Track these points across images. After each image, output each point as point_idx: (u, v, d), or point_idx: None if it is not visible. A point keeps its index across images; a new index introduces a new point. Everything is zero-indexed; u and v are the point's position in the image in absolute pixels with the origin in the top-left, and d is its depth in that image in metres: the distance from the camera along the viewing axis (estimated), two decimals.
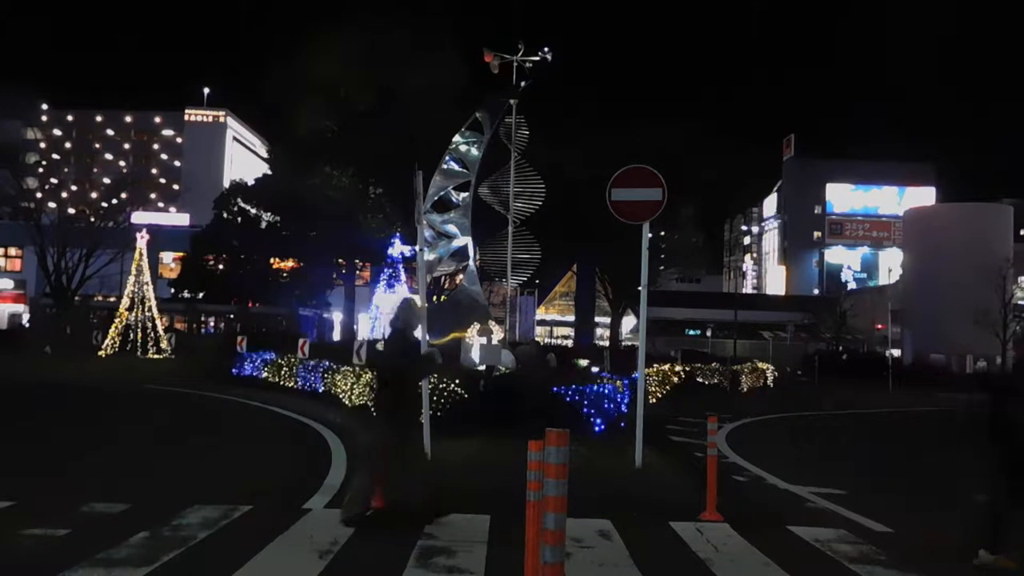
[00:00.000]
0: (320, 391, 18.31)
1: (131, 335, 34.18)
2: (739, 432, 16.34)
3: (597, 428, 12.92)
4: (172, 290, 51.67)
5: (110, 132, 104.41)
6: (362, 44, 35.29)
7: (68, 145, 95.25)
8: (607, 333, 47.85)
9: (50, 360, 30.58)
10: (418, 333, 8.56)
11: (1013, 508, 6.54)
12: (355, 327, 42.59)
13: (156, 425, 14.75)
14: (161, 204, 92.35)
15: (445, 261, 19.56)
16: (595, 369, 19.29)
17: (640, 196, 10.51)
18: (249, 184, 52.07)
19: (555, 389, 13.01)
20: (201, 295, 50.66)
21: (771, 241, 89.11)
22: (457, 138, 18.91)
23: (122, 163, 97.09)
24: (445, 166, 18.75)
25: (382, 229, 38.28)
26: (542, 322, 65.06)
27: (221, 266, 51.26)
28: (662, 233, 41.05)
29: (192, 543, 6.35)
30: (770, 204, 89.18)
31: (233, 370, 23.64)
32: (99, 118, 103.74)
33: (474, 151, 18.93)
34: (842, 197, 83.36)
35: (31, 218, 43.14)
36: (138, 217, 51.13)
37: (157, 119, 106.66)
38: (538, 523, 4.67)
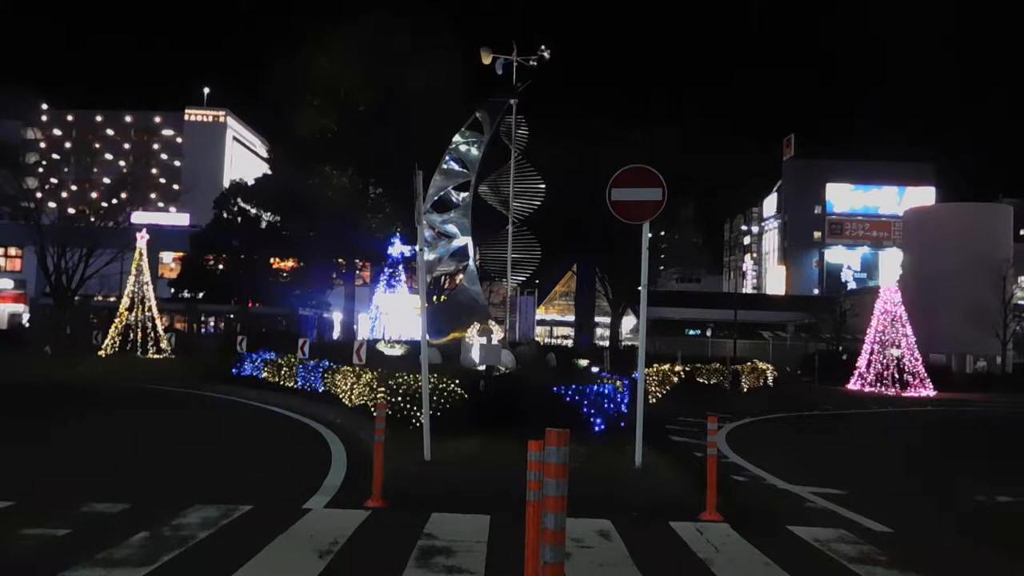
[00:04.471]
0: (320, 391, 18.31)
1: (131, 335, 34.17)
2: (739, 432, 16.33)
3: (597, 428, 12.92)
4: (172, 290, 51.64)
5: (110, 132, 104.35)
6: (362, 44, 35.31)
7: (68, 145, 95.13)
8: (607, 333, 47.84)
9: (50, 360, 30.57)
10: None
11: None
12: (355, 327, 42.57)
13: (156, 425, 14.75)
14: (161, 204, 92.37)
15: (445, 261, 19.58)
16: (595, 369, 19.28)
17: (640, 196, 10.50)
18: (249, 184, 52.02)
19: (555, 389, 13.00)
20: (201, 295, 50.63)
21: (771, 241, 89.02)
22: (457, 138, 18.92)
23: (122, 163, 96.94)
24: (445, 166, 18.76)
25: (382, 229, 38.30)
26: (542, 322, 64.99)
27: (221, 266, 51.23)
28: (662, 233, 41.05)
29: (192, 543, 6.35)
30: (770, 204, 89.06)
31: (233, 370, 23.64)
32: (99, 118, 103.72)
33: (474, 151, 18.95)
34: (842, 197, 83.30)
35: (31, 218, 43.00)
36: (138, 217, 51.03)
37: (157, 119, 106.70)
38: (538, 523, 4.67)
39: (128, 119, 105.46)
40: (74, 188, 58.59)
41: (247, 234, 48.76)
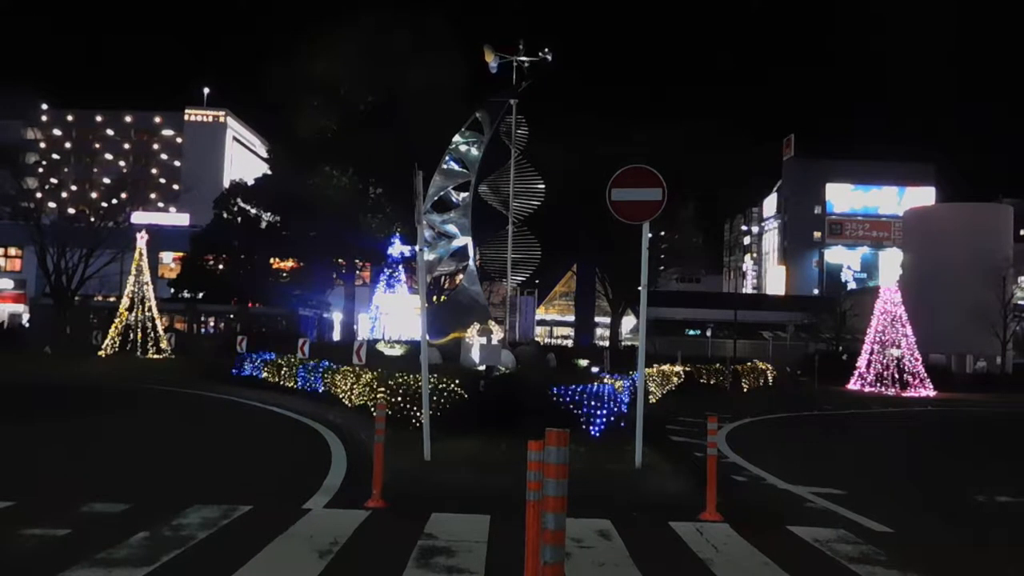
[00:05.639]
0: (320, 391, 18.30)
1: (131, 335, 34.15)
2: (739, 432, 16.33)
3: (597, 428, 12.91)
4: (172, 290, 51.62)
5: (110, 132, 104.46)
6: (362, 44, 35.31)
7: (68, 145, 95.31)
8: (607, 333, 47.84)
9: (50, 360, 30.56)
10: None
11: None
12: (355, 327, 42.57)
13: (156, 425, 14.75)
14: (161, 204, 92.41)
15: (445, 261, 19.60)
16: (595, 369, 19.28)
17: (640, 196, 10.49)
18: (249, 184, 52.02)
19: (555, 389, 13.00)
20: (201, 295, 50.62)
21: (771, 241, 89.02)
22: (457, 138, 18.92)
23: (122, 163, 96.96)
24: (445, 166, 18.77)
25: (382, 229, 38.30)
26: (542, 322, 64.99)
27: (221, 266, 51.22)
28: (662, 233, 41.06)
29: (192, 543, 6.35)
30: (770, 204, 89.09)
31: (233, 370, 23.62)
32: (99, 118, 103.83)
33: (474, 151, 18.96)
34: (842, 197, 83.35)
35: (31, 218, 43.02)
36: (138, 217, 51.02)
37: (157, 119, 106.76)
38: (538, 523, 4.67)
39: (128, 119, 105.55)
40: (74, 188, 58.70)
41: (247, 234, 48.75)
